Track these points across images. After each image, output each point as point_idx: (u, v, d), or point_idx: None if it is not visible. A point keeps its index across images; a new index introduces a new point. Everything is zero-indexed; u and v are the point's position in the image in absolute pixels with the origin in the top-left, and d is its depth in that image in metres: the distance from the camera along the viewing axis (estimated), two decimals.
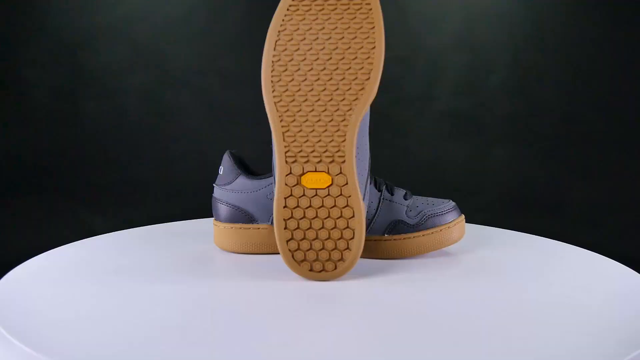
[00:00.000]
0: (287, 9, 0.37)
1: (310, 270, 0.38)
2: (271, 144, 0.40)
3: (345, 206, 0.37)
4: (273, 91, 0.38)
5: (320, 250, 0.38)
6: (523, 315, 0.30)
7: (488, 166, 0.92)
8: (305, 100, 0.38)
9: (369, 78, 0.37)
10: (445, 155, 0.92)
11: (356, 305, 0.34)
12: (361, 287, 0.37)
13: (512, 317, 0.30)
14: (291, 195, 0.38)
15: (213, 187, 0.48)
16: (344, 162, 0.37)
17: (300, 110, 0.38)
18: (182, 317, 0.30)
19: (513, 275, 0.39)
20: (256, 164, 0.53)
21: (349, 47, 0.38)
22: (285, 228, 0.38)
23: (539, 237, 0.51)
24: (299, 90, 0.38)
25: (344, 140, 0.37)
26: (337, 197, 0.37)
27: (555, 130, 0.89)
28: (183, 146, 0.92)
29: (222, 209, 0.47)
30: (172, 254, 0.45)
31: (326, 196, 0.37)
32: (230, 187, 0.47)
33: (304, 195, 0.38)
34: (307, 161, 0.38)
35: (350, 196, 0.37)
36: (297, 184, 0.38)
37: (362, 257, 0.43)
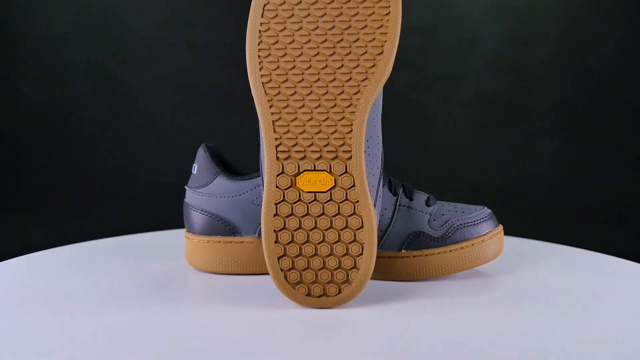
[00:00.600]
0: None
1: (308, 294, 0.38)
2: (258, 136, 0.40)
3: (352, 214, 0.38)
4: (260, 69, 0.38)
5: (321, 269, 0.38)
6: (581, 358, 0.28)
7: (531, 164, 0.92)
8: (301, 80, 0.38)
9: (381, 52, 0.37)
10: (478, 150, 0.93)
11: (365, 341, 0.33)
12: (371, 317, 0.37)
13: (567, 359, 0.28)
14: (284, 200, 0.38)
15: (184, 190, 0.49)
16: (350, 158, 0.38)
17: (294, 93, 0.38)
18: (143, 358, 0.28)
19: (566, 302, 0.38)
20: (240, 161, 0.53)
21: (357, 14, 0.38)
22: (277, 242, 0.38)
23: (597, 253, 0.51)
24: (293, 67, 0.38)
25: (350, 131, 0.38)
26: (341, 202, 0.38)
27: (617, 121, 0.88)
28: (146, 139, 0.92)
29: (196, 218, 0.47)
30: (132, 276, 0.45)
31: (328, 201, 0.38)
32: (206, 190, 0.47)
33: (299, 200, 0.38)
34: (304, 157, 0.38)
35: (358, 201, 0.37)
36: (291, 186, 0.38)
37: (372, 278, 0.44)
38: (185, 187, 0.48)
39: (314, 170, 0.38)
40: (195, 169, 0.48)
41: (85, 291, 0.41)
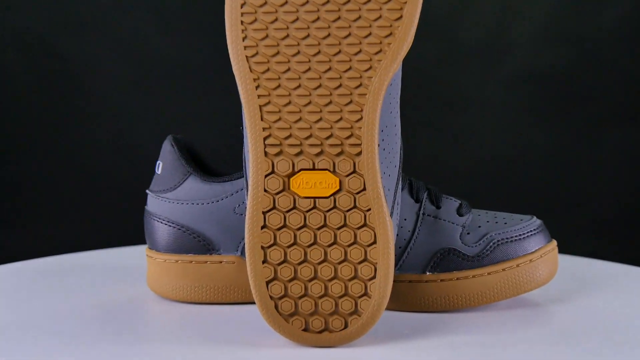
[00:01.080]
0: None
1: (305, 329, 0.38)
2: (241, 126, 0.40)
3: (362, 226, 0.38)
4: (244, 38, 0.38)
5: (322, 297, 0.38)
6: None
7: (595, 162, 0.92)
8: (297, 53, 0.38)
9: (400, 17, 0.37)
10: (524, 144, 0.93)
11: None
12: (387, 359, 0.37)
13: None
14: (274, 208, 0.38)
15: (146, 194, 0.49)
16: (359, 154, 0.38)
17: (288, 69, 0.38)
18: None
19: (638, 342, 0.38)
20: (217, 157, 0.54)
21: None
22: (265, 262, 0.38)
23: None
24: (286, 37, 0.38)
25: (360, 119, 0.38)
26: (348, 211, 0.38)
27: None
28: (95, 129, 0.92)
29: (161, 231, 0.48)
30: (74, 308, 0.45)
31: (331, 210, 0.38)
32: (173, 195, 0.47)
33: (294, 208, 0.38)
34: (300, 153, 0.38)
35: (369, 210, 0.38)
36: (283, 189, 0.38)
37: (388, 308, 0.44)
38: (147, 191, 0.49)
39: (313, 169, 0.38)
40: (159, 167, 0.48)
41: (21, 323, 0.41)
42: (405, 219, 0.44)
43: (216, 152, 0.53)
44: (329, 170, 0.38)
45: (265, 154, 0.38)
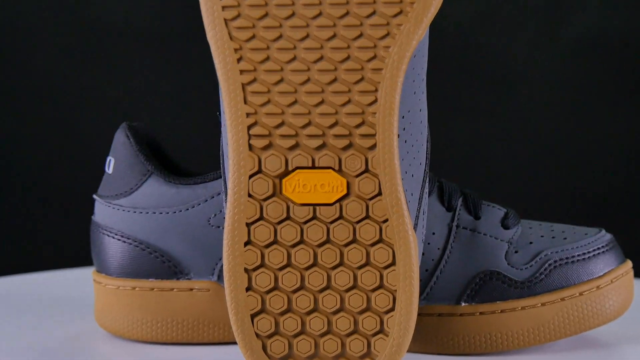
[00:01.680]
0: None
1: None
2: (218, 111, 0.41)
3: (377, 242, 0.38)
4: None
5: (324, 336, 0.38)
6: None
7: None
8: (291, 15, 0.38)
9: None
10: (590, 131, 0.93)
11: None
12: None
13: None
14: (261, 218, 0.38)
15: (93, 201, 0.50)
16: (373, 147, 0.38)
17: (279, 37, 0.38)
18: None
19: None
20: (186, 152, 0.54)
21: None
22: (250, 289, 0.38)
23: None
24: None
25: (374, 102, 0.38)
26: (359, 222, 0.38)
27: None
28: (30, 117, 0.94)
29: (113, 249, 0.48)
30: (2, 348, 0.45)
31: (336, 221, 0.38)
32: (130, 202, 0.48)
33: (288, 218, 0.38)
34: (296, 146, 0.38)
35: (387, 220, 0.38)
36: (273, 194, 0.38)
37: (411, 350, 0.44)
38: (94, 196, 0.49)
39: (313, 167, 0.38)
40: (110, 165, 0.48)
41: None
42: (433, 233, 0.45)
43: (185, 145, 0.53)
44: (334, 169, 0.38)
45: (250, 147, 0.38)
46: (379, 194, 0.38)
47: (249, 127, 0.38)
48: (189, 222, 0.46)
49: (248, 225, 0.38)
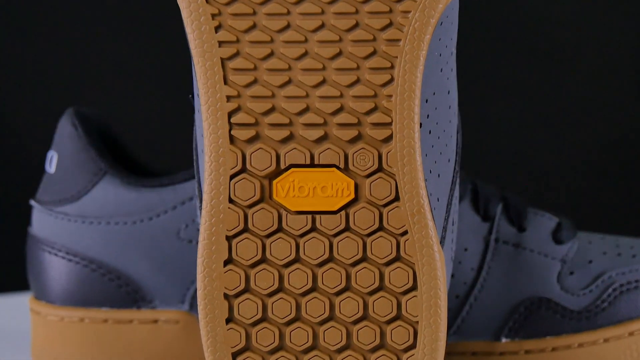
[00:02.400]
0: None
1: None
2: (191, 94, 0.41)
3: (393, 260, 0.38)
4: None
5: None
6: None
7: None
8: None
9: None
10: None
11: None
12: None
13: None
14: (246, 230, 0.39)
15: (30, 207, 0.50)
16: (388, 139, 0.38)
17: None
18: None
19: None
20: (151, 146, 0.53)
21: None
22: (231, 320, 0.39)
23: None
24: None
25: (390, 81, 0.38)
26: (370, 235, 0.38)
27: None
28: None
29: (56, 270, 0.48)
30: None
31: (341, 233, 0.39)
32: (78, 209, 0.48)
33: (280, 230, 0.39)
34: (290, 138, 0.39)
35: (406, 233, 0.38)
36: (261, 199, 0.39)
37: None
38: (32, 202, 0.49)
39: (312, 165, 0.38)
40: (52, 161, 0.48)
41: None
42: (466, 249, 0.45)
43: (148, 137, 0.53)
44: (338, 168, 0.38)
45: (232, 139, 0.38)
46: (396, 199, 0.38)
47: (231, 114, 0.38)
48: (154, 235, 0.46)
49: (229, 239, 0.38)
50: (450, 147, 0.41)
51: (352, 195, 0.38)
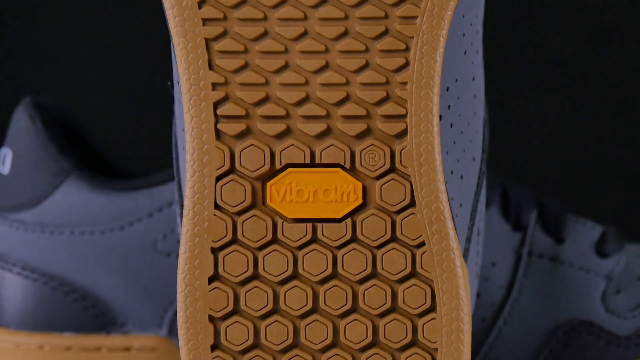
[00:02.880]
0: None
1: None
2: (170, 80, 0.41)
3: (408, 277, 0.38)
4: None
5: None
6: None
7: None
8: None
9: None
10: None
11: None
12: None
13: None
14: (235, 242, 0.39)
15: None
16: (402, 134, 0.38)
17: None
18: None
19: None
20: (123, 144, 0.53)
21: None
22: (218, 347, 0.39)
23: None
24: None
25: (405, 66, 0.38)
26: (380, 247, 0.39)
27: None
28: None
29: (11, 288, 0.48)
30: None
31: (347, 245, 0.39)
32: (37, 216, 0.48)
33: (275, 242, 0.39)
34: (287, 132, 0.39)
35: (422, 245, 0.38)
36: (253, 205, 0.39)
37: None
38: None
39: (312, 165, 0.39)
40: (5, 160, 0.49)
41: None
42: (494, 264, 0.45)
43: (120, 132, 0.54)
44: (343, 168, 0.38)
45: (218, 134, 0.38)
46: (411, 204, 0.38)
47: (217, 105, 0.38)
48: (126, 247, 0.46)
49: (215, 251, 0.38)
50: (475, 144, 0.41)
51: (360, 200, 0.38)
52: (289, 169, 0.38)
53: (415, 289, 0.38)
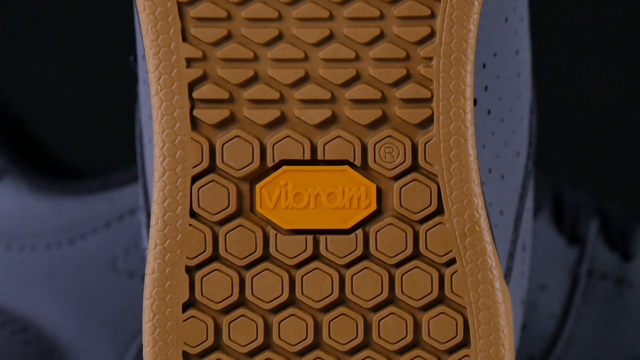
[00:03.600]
0: None
1: None
2: (133, 55, 0.42)
3: (435, 303, 0.39)
4: None
5: None
6: None
7: None
8: None
9: None
10: None
11: None
12: None
13: None
14: (216, 258, 0.39)
15: None
16: (426, 123, 0.39)
17: None
18: None
19: None
20: (72, 137, 0.53)
21: None
22: None
23: None
24: None
25: (430, 37, 0.38)
26: (400, 265, 0.39)
27: None
28: None
29: None
30: None
31: (357, 263, 0.39)
32: None
33: (266, 259, 0.39)
34: (281, 120, 0.39)
35: (453, 262, 0.39)
36: (239, 212, 0.39)
37: None
38: None
39: (314, 162, 0.39)
40: None
41: None
42: (544, 287, 0.46)
43: (68, 123, 0.54)
44: (352, 165, 0.39)
45: (195, 123, 0.39)
46: (439, 211, 0.39)
47: (193, 86, 0.39)
48: (77, 266, 0.46)
49: (191, 271, 0.39)
50: (519, 135, 0.41)
51: (373, 207, 0.39)
52: (284, 167, 0.39)
53: (444, 318, 0.38)
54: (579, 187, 0.47)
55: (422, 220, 0.39)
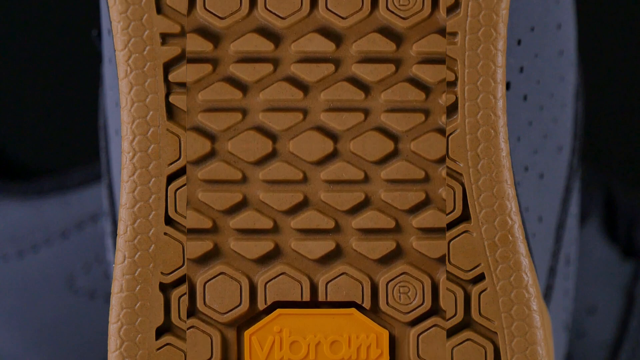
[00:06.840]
0: None
1: None
2: (97, 29, 0.42)
3: (461, 328, 0.39)
4: None
5: None
6: None
7: None
8: None
9: None
10: None
11: None
12: None
13: None
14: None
15: None
16: (451, 111, 0.39)
17: None
18: None
19: None
20: (24, 132, 0.54)
21: None
22: None
23: None
24: None
25: (454, 10, 0.38)
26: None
27: None
28: None
29: None
30: None
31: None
32: None
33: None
34: (276, 254, 0.40)
35: (481, 279, 0.39)
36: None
37: None
38: None
39: (311, 305, 0.40)
40: None
41: None
42: (593, 310, 0.46)
43: (19, 113, 0.55)
44: (360, 307, 0.40)
45: (171, 111, 0.39)
46: (464, 217, 0.39)
47: (169, 67, 0.39)
48: (26, 284, 0.47)
49: (166, 289, 0.40)
50: (562, 126, 0.42)
51: (386, 358, 0.39)
52: (278, 311, 0.40)
53: (470, 346, 0.39)
54: (635, 189, 0.47)
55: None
